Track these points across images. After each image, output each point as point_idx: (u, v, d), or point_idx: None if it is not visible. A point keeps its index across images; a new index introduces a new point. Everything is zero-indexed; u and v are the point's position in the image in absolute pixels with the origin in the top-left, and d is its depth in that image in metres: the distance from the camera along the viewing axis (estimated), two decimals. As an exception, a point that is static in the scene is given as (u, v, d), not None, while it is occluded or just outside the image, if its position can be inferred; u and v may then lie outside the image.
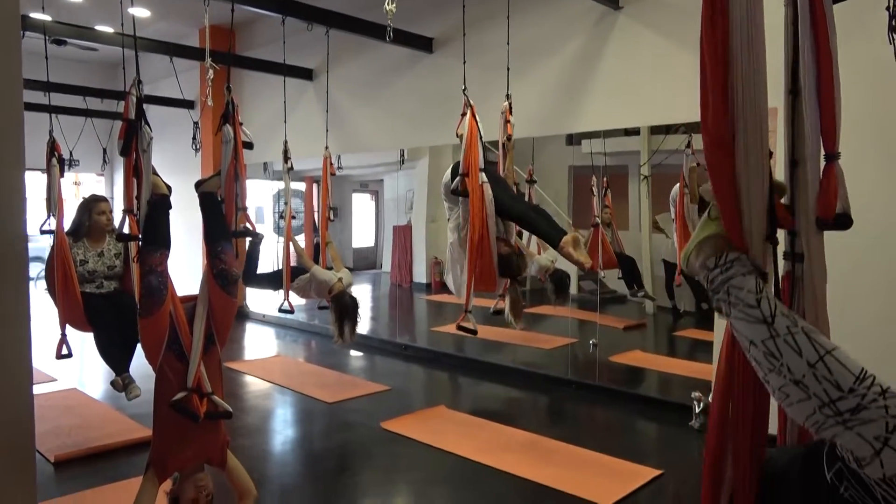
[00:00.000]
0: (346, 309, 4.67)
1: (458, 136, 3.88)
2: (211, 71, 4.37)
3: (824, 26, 1.35)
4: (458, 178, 3.73)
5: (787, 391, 1.03)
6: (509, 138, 4.27)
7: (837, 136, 1.37)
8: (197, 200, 2.75)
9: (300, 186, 8.96)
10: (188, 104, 7.96)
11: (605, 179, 6.86)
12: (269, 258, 5.36)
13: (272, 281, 5.02)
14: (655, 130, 6.51)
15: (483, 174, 3.70)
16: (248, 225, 2.85)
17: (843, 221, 1.31)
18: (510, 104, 4.27)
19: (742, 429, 1.17)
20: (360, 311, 4.73)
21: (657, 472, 3.57)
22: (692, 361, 5.73)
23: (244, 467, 2.77)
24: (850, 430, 0.96)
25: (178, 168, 6.47)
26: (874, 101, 3.47)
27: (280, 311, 5.01)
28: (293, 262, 5.03)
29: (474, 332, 3.74)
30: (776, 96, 1.43)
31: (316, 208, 9.59)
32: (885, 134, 3.48)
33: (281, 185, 9.10)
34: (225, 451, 2.72)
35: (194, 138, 6.06)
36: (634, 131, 6.59)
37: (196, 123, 6.12)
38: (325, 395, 4.99)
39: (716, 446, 1.20)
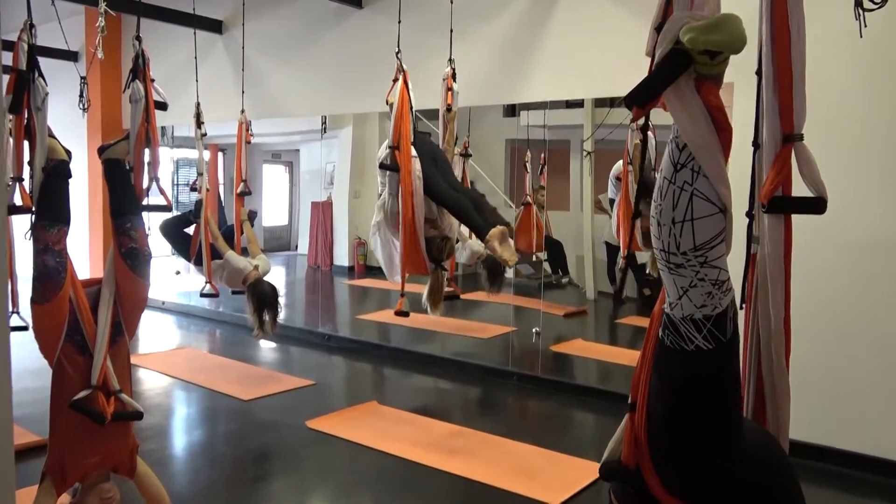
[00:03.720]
0: (265, 298, 4.59)
1: (388, 103, 3.87)
2: (101, 18, 4.12)
3: (783, 2, 1.43)
4: (387, 151, 3.74)
5: (653, 222, 1.37)
6: (449, 108, 4.27)
7: (795, 116, 1.46)
8: (83, 169, 2.62)
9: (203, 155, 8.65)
10: (72, 56, 7.51)
11: (542, 156, 6.98)
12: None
13: (182, 245, 4.84)
14: (599, 103, 6.66)
15: (412, 148, 3.72)
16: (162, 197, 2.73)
17: (777, 205, 1.48)
18: (454, 70, 4.26)
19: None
20: (280, 299, 4.67)
21: (607, 468, 3.70)
22: (636, 350, 5.95)
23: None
24: (670, 275, 1.36)
25: (62, 131, 6.08)
26: (846, 79, 3.64)
27: (202, 295, 4.85)
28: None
29: (406, 314, 3.90)
30: (734, 72, 1.50)
31: (222, 181, 9.33)
32: (856, 113, 3.66)
33: (182, 153, 8.79)
34: (134, 457, 2.63)
35: (81, 96, 5.73)
36: (577, 103, 6.72)
37: (83, 79, 5.78)
38: (240, 391, 4.88)
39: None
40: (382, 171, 3.81)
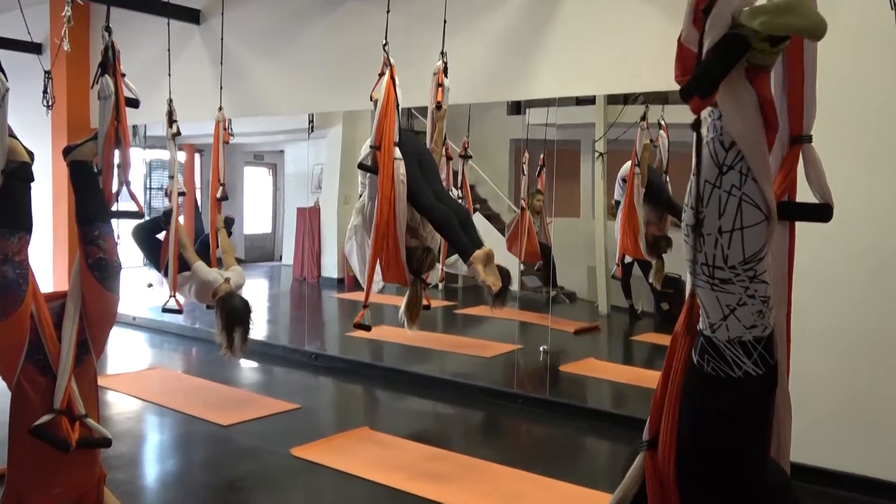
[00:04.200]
0: (235, 314, 4.57)
1: (372, 100, 3.90)
2: (68, 7, 4.15)
3: None
4: (368, 151, 3.78)
5: (689, 231, 1.34)
6: (439, 106, 4.30)
7: (805, 116, 1.47)
8: (46, 172, 2.63)
9: (179, 157, 8.67)
10: (35, 48, 7.53)
11: (542, 157, 7.00)
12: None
13: (153, 253, 4.85)
14: (613, 100, 6.69)
15: (397, 149, 3.76)
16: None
17: (784, 211, 1.47)
18: (445, 64, 4.28)
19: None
20: (252, 315, 4.65)
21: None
22: (652, 370, 5.95)
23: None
24: (713, 292, 1.31)
25: (24, 129, 6.09)
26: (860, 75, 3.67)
27: (164, 310, 4.84)
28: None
29: (368, 328, 3.89)
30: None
31: (199, 185, 9.35)
32: (868, 113, 3.70)
33: (155, 154, 8.81)
34: (101, 489, 2.63)
35: (45, 92, 5.75)
36: (588, 100, 6.74)
37: (47, 73, 5.80)
38: (219, 416, 4.87)
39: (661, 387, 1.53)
40: (363, 172, 3.86)
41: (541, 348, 5.65)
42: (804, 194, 1.56)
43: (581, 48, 4.88)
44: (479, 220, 6.35)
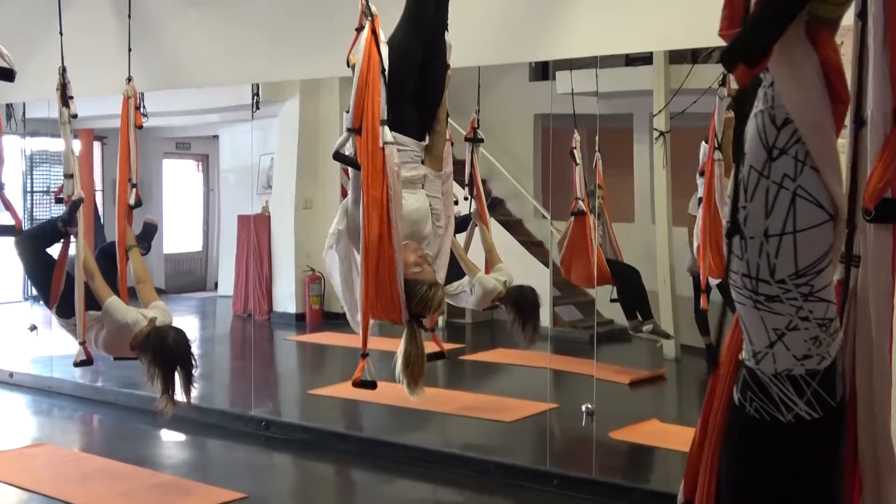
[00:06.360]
0: (169, 353, 4.56)
1: (349, 65, 3.91)
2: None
3: None
4: (342, 136, 3.76)
5: (727, 233, 1.42)
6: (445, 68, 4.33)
7: None
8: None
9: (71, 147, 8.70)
10: None
11: (574, 137, 6.96)
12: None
13: (42, 278, 4.83)
14: (677, 58, 6.72)
15: (386, 130, 3.72)
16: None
17: (888, 210, 1.49)
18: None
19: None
20: (193, 353, 4.65)
21: None
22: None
23: None
24: (756, 312, 1.38)
25: None
26: None
27: (76, 364, 4.83)
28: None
29: (372, 385, 3.83)
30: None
31: (100, 185, 9.39)
32: None
33: (38, 144, 8.83)
34: None
35: None
36: (643, 59, 6.78)
37: None
38: (132, 511, 4.88)
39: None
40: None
41: (583, 407, 5.64)
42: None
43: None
44: (495, 228, 6.33)
